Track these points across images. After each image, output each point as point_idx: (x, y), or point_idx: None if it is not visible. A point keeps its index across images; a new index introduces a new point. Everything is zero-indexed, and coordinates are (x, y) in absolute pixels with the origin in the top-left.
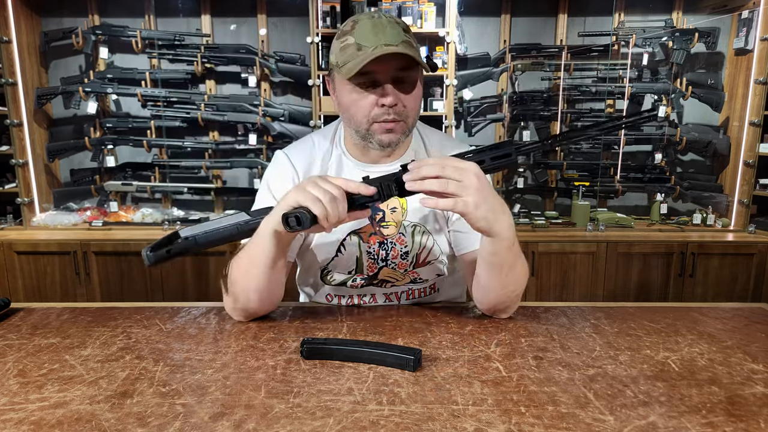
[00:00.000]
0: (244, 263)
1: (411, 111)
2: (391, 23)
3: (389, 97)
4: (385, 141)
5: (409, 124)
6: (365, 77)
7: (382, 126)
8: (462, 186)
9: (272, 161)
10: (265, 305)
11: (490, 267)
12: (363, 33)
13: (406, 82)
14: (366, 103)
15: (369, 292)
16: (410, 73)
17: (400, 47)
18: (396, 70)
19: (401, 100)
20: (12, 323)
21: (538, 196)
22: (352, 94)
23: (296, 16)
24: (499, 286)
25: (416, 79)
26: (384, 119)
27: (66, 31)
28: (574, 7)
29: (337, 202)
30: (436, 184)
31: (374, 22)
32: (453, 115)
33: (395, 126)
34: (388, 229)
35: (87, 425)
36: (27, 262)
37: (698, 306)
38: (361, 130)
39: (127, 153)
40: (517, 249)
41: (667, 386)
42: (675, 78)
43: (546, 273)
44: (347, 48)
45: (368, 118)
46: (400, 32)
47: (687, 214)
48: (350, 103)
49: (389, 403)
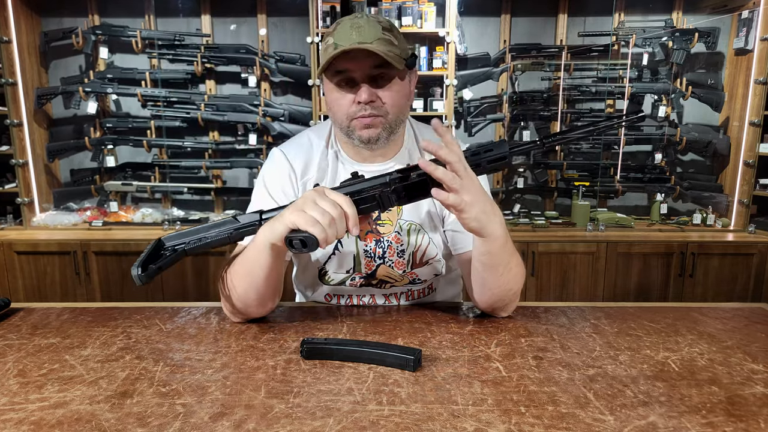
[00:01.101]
0: (240, 271)
1: (391, 107)
2: (370, 22)
3: (363, 94)
4: (365, 137)
5: (389, 120)
6: (342, 75)
7: (360, 122)
8: (462, 184)
9: (268, 158)
10: (267, 306)
11: (484, 267)
12: (341, 33)
13: (383, 79)
14: (345, 102)
15: (368, 292)
16: (388, 70)
17: (373, 45)
18: (371, 68)
19: (379, 97)
20: (12, 323)
21: (538, 196)
22: (333, 93)
23: (296, 16)
24: (496, 284)
25: (394, 76)
26: (361, 115)
27: (66, 31)
28: (574, 7)
29: (335, 224)
30: (442, 172)
31: (353, 22)
32: (453, 115)
33: (373, 121)
34: (384, 227)
35: (87, 425)
36: (27, 262)
37: (698, 306)
38: (344, 128)
39: (127, 153)
40: (510, 247)
41: (667, 386)
42: (675, 78)
43: (546, 273)
44: (327, 48)
45: (347, 116)
46: (378, 31)
47: (687, 214)
48: (332, 102)
49: (389, 403)
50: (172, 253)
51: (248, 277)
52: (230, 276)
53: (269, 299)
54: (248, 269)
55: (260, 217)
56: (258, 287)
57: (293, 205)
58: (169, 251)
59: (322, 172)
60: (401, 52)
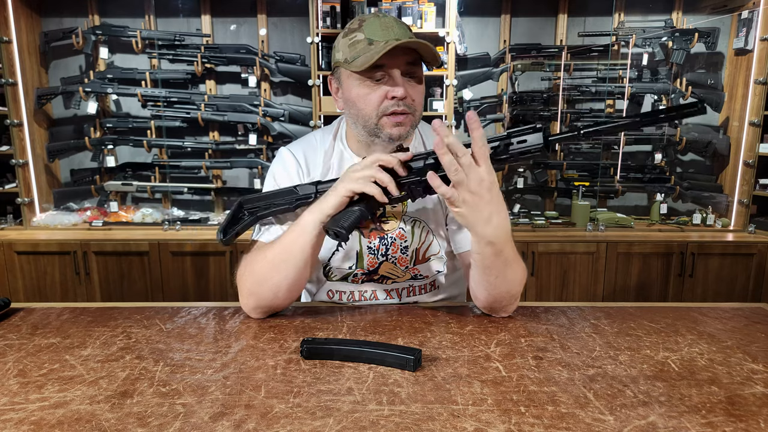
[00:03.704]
0: (275, 258)
1: (418, 105)
2: (398, 21)
3: (400, 88)
4: (395, 134)
5: (416, 118)
6: (376, 70)
7: (391, 119)
8: (459, 178)
9: (277, 157)
10: (293, 296)
11: (475, 266)
12: (372, 29)
13: (414, 76)
14: (375, 96)
15: (370, 287)
16: (417, 68)
17: (411, 41)
18: (405, 65)
19: (410, 94)
20: (12, 323)
21: (538, 196)
22: (360, 88)
23: (296, 16)
24: (490, 286)
25: (422, 75)
26: (393, 111)
27: (66, 31)
28: (574, 7)
29: (383, 176)
30: (448, 160)
31: (381, 20)
32: (453, 115)
33: (404, 119)
34: (388, 224)
35: (87, 425)
36: (27, 262)
37: (698, 306)
38: (370, 125)
39: (127, 153)
40: (507, 257)
41: (667, 386)
42: (675, 78)
43: (546, 273)
44: (357, 44)
45: (377, 112)
46: (407, 30)
47: (687, 214)
48: (358, 98)
49: (389, 403)
50: (249, 217)
51: (285, 262)
52: (259, 265)
53: (298, 288)
54: (289, 252)
55: (316, 189)
56: (296, 270)
57: (340, 179)
58: (246, 216)
59: (327, 165)
60: None
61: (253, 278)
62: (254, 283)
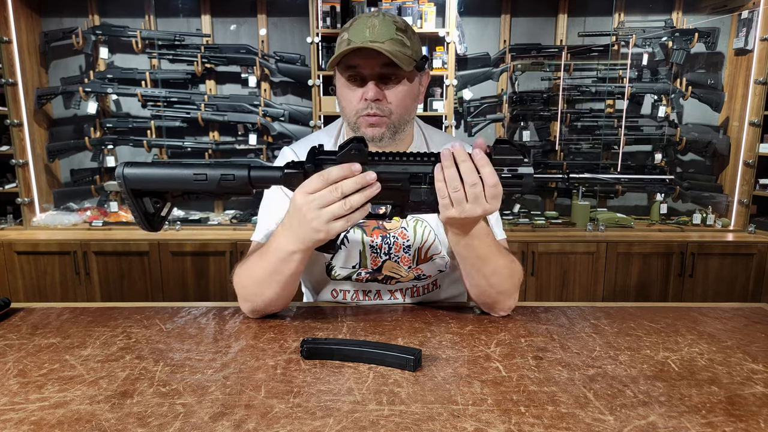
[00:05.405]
0: (264, 278)
1: (396, 107)
2: (386, 21)
3: (369, 91)
4: (369, 135)
5: (393, 120)
6: (352, 71)
7: (366, 120)
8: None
9: (279, 156)
10: (289, 299)
11: (458, 257)
12: (356, 30)
13: (390, 79)
14: (353, 97)
15: (373, 288)
16: (396, 70)
17: (384, 44)
18: (380, 67)
19: (384, 96)
20: (12, 323)
21: (538, 196)
22: (343, 88)
23: (296, 16)
24: (468, 276)
25: (403, 77)
26: (366, 113)
27: (66, 31)
28: (574, 7)
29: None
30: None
31: (368, 20)
32: (453, 115)
33: (378, 121)
34: (391, 223)
35: (87, 425)
36: (27, 262)
37: (698, 306)
38: (351, 123)
39: (127, 153)
40: (480, 253)
41: (667, 386)
42: (675, 78)
43: (546, 273)
44: (341, 43)
45: (355, 112)
46: (392, 31)
47: (687, 214)
48: (341, 97)
49: (389, 403)
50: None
51: (273, 283)
52: (250, 285)
53: (294, 290)
54: (276, 277)
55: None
56: (285, 286)
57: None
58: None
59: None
60: (413, 54)
61: (245, 291)
62: (247, 294)
